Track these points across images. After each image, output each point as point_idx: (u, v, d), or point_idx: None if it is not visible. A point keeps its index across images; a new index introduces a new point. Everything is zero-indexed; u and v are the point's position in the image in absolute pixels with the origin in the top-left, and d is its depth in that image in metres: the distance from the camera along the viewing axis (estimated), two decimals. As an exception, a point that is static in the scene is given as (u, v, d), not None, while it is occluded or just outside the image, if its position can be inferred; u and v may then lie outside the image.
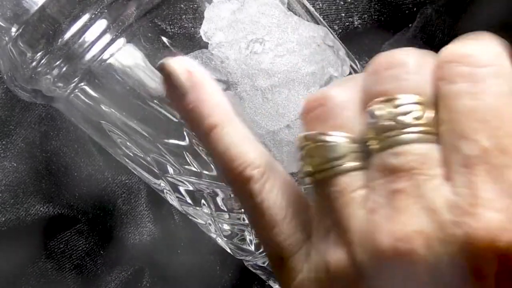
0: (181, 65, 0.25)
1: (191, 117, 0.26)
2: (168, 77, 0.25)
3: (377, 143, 0.22)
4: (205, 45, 0.30)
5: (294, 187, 0.26)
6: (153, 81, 0.31)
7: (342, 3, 0.42)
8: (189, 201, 0.34)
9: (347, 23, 0.43)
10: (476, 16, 0.40)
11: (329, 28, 0.34)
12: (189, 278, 0.43)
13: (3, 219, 0.40)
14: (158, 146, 0.32)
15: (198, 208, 0.35)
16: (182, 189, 0.34)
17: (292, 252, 0.25)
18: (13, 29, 0.30)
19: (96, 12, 0.29)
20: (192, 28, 0.31)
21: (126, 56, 0.30)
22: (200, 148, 0.32)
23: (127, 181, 0.42)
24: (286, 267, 0.25)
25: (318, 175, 0.23)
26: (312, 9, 0.35)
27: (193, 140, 0.32)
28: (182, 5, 0.30)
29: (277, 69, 0.30)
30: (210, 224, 0.35)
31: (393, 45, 0.41)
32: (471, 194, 0.20)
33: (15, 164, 0.40)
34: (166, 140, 0.32)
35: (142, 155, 0.33)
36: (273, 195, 0.25)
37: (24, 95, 0.33)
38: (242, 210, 0.33)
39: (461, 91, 0.21)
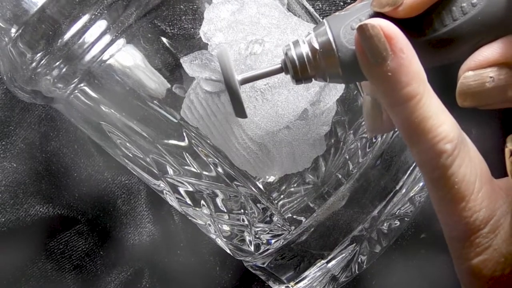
0: (385, 28, 0.24)
1: (386, 84, 0.24)
2: (367, 40, 0.24)
3: None
4: (204, 46, 0.30)
5: (482, 162, 0.26)
6: (153, 82, 0.31)
7: (342, 3, 0.42)
8: (189, 202, 0.34)
9: (346, 24, 0.42)
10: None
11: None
12: (189, 278, 0.43)
13: (3, 219, 0.40)
14: (157, 146, 0.32)
15: (197, 209, 0.35)
16: (181, 190, 0.34)
17: (479, 228, 0.25)
18: (13, 30, 0.30)
19: (96, 13, 0.29)
20: (192, 29, 0.31)
21: (126, 57, 0.30)
22: (200, 148, 0.32)
23: (126, 181, 0.42)
24: (468, 242, 0.25)
25: None
26: (311, 9, 0.35)
27: (193, 141, 0.32)
28: (182, 6, 0.30)
29: (276, 70, 0.30)
30: (209, 225, 0.35)
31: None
32: None
33: (15, 165, 0.40)
34: (165, 141, 0.32)
35: (142, 156, 0.33)
36: (462, 170, 0.24)
37: (24, 96, 0.32)
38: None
39: None
